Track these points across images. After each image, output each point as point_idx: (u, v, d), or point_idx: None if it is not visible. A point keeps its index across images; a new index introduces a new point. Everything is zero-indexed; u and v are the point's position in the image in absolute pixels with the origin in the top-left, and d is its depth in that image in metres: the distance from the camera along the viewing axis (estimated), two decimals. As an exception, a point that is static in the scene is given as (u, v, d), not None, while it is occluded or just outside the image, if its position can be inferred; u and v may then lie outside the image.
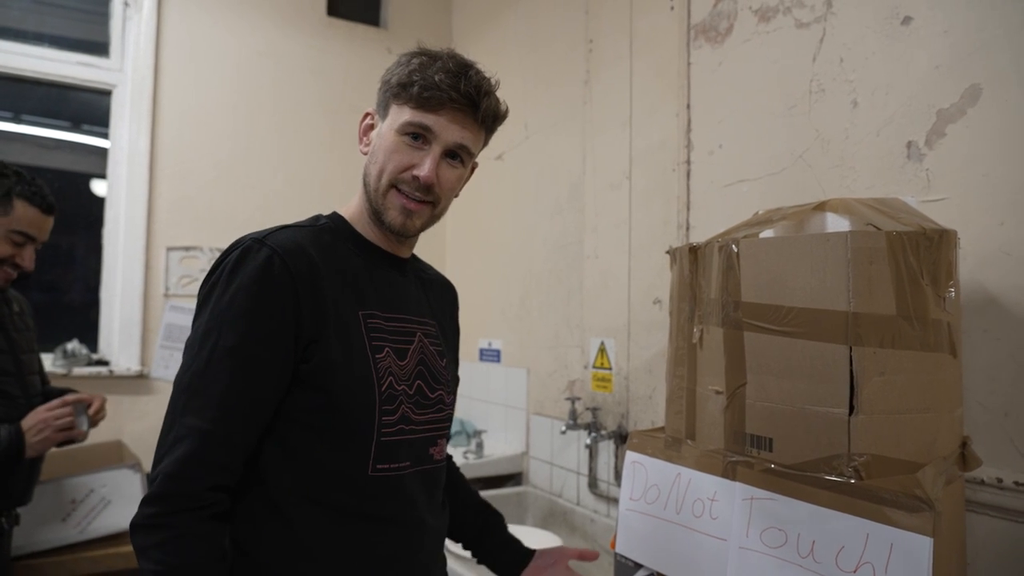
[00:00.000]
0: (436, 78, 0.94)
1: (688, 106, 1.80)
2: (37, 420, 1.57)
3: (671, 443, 1.18)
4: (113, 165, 2.61)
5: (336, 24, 3.01)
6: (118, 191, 2.59)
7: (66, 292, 2.69)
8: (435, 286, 1.19)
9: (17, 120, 2.57)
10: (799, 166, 1.50)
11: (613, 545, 1.39)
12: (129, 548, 1.82)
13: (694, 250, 1.15)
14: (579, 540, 2.07)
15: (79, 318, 2.59)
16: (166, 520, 0.85)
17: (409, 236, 1.04)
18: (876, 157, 1.34)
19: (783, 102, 1.54)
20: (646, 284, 1.94)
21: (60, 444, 1.64)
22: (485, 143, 1.07)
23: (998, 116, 1.16)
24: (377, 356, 0.96)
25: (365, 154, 1.03)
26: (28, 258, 1.59)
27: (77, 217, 2.64)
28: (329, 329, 0.92)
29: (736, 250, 1.05)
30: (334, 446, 0.93)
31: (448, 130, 0.97)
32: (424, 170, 0.96)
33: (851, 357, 0.90)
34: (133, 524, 0.87)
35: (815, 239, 0.95)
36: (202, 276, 2.62)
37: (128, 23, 2.61)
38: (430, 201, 0.99)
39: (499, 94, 1.03)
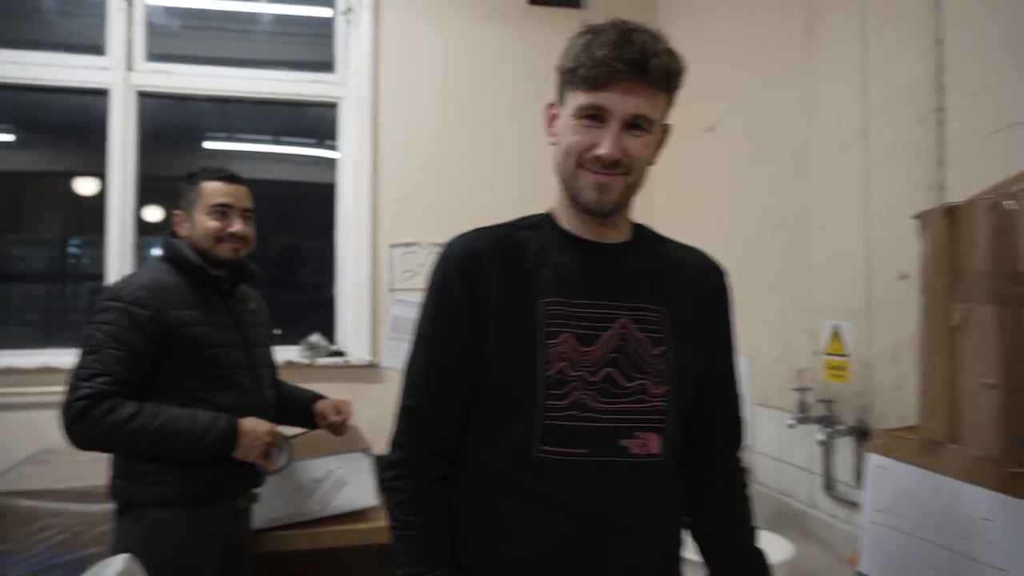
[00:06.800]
0: (599, 54, 0.94)
1: (940, 41, 1.50)
2: (255, 432, 1.62)
3: (927, 446, 0.98)
4: (342, 172, 2.85)
5: (538, 12, 3.00)
6: (347, 196, 2.82)
7: (308, 290, 3.02)
8: (678, 269, 1.11)
9: (267, 140, 2.92)
10: (1101, 97, 1.17)
11: (853, 560, 1.20)
12: (365, 525, 1.98)
13: (952, 211, 0.94)
14: (814, 547, 1.85)
15: (319, 313, 2.86)
16: (397, 484, 1.03)
17: (606, 213, 1.03)
18: None
19: (1074, 17, 1.21)
20: (889, 257, 1.67)
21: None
22: (670, 102, 1.03)
23: None
24: (549, 341, 0.99)
25: (554, 144, 1.06)
26: (238, 226, 1.73)
27: (315, 223, 2.92)
28: (499, 318, 1.01)
29: (1016, 207, 0.82)
30: (502, 424, 1.01)
31: (621, 104, 0.96)
32: (605, 148, 0.97)
33: None
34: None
35: None
36: (421, 270, 2.82)
37: (350, 39, 2.82)
38: (622, 172, 0.99)
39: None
